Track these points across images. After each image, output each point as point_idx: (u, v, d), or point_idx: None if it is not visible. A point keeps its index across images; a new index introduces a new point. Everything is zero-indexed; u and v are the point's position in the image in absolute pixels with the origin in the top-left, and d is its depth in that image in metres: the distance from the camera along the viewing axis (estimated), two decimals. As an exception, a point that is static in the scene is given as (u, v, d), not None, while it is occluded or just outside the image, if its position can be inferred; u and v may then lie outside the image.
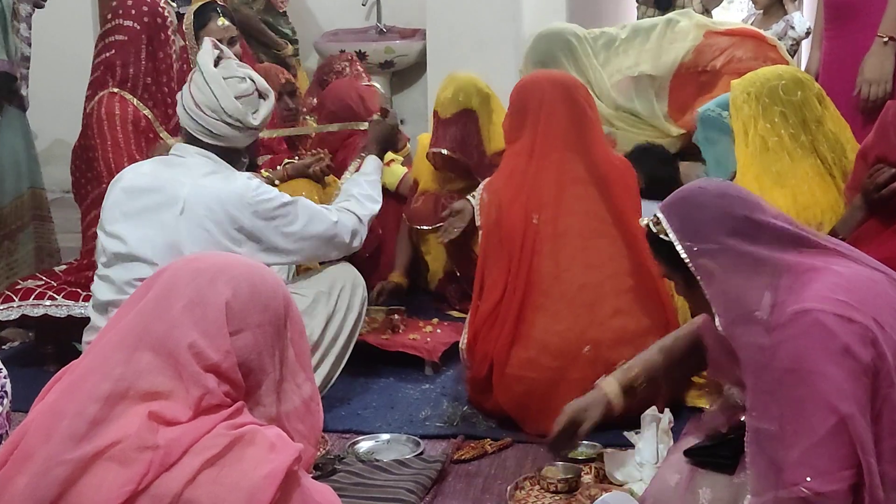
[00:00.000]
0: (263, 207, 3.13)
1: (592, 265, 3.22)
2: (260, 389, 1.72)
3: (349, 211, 3.37)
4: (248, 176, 3.20)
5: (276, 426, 1.70)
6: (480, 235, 3.38)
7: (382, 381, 3.66)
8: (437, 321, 4.08)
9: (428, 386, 3.61)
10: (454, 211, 3.82)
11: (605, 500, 2.63)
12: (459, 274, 4.20)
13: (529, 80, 3.53)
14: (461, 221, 3.77)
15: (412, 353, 3.76)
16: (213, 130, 3.14)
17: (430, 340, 3.84)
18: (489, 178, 3.46)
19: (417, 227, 4.31)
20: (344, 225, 3.31)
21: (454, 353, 3.58)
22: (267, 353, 1.72)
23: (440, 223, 3.92)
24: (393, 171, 4.39)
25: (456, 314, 4.18)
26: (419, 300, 4.37)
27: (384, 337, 3.87)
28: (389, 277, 4.33)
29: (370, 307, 3.67)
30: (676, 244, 2.16)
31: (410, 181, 4.42)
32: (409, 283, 4.39)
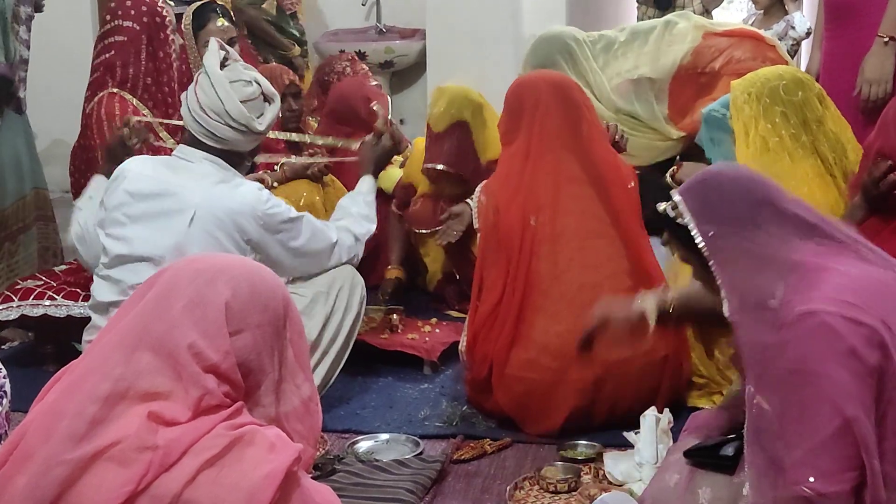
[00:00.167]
0: (272, 220, 3.15)
1: (591, 265, 3.22)
2: (259, 390, 1.72)
3: (348, 230, 3.41)
4: (258, 186, 3.21)
5: (275, 426, 1.70)
6: (478, 237, 3.37)
7: (381, 380, 3.66)
8: (435, 321, 4.08)
9: (427, 385, 3.61)
10: (453, 214, 3.81)
11: (604, 499, 2.63)
12: (459, 276, 4.19)
13: (524, 80, 3.51)
14: (460, 225, 3.76)
15: (411, 352, 3.76)
16: (217, 134, 3.13)
17: (428, 340, 3.84)
18: (486, 180, 3.44)
19: (416, 230, 4.30)
20: (342, 244, 3.36)
21: (453, 352, 3.59)
22: (266, 353, 1.72)
23: (439, 227, 3.92)
24: (390, 175, 4.37)
25: (455, 314, 4.18)
26: (418, 300, 4.37)
27: (383, 336, 3.87)
28: (386, 273, 4.32)
29: (368, 307, 3.67)
30: (692, 227, 2.15)
31: (403, 180, 4.39)
32: (406, 275, 4.39)
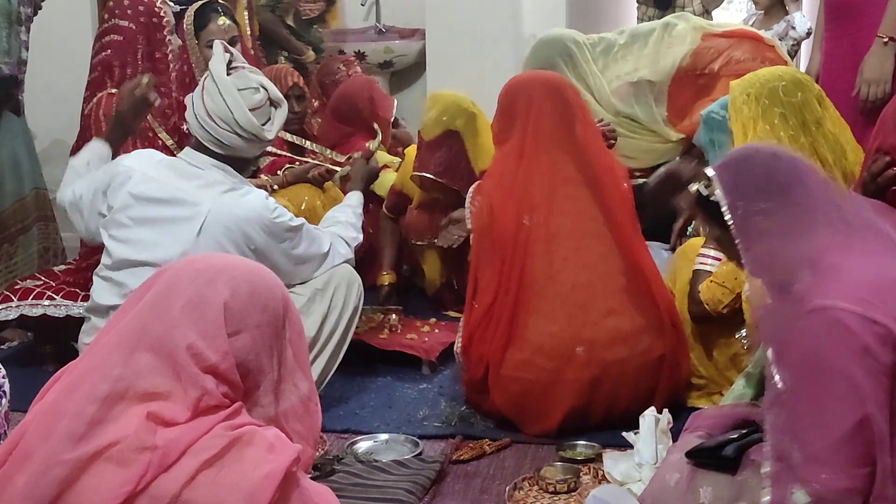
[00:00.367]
0: (277, 229, 3.17)
1: (585, 265, 3.21)
2: (258, 390, 1.72)
3: (340, 237, 3.44)
4: (264, 195, 3.23)
5: (274, 427, 1.70)
6: (472, 238, 3.35)
7: (380, 380, 3.66)
8: (434, 321, 4.08)
9: (425, 385, 3.62)
10: (453, 220, 3.80)
11: (594, 494, 2.63)
12: (457, 285, 4.16)
13: (518, 80, 3.50)
14: (462, 230, 3.74)
15: (409, 352, 3.76)
16: (224, 142, 3.14)
17: (427, 340, 3.84)
18: (479, 181, 3.43)
19: (413, 242, 4.28)
20: (336, 250, 3.39)
21: (451, 352, 3.57)
22: (265, 353, 1.72)
23: (435, 238, 3.91)
24: (384, 179, 4.35)
25: (453, 314, 4.16)
26: (416, 300, 4.37)
27: (381, 336, 3.87)
28: (378, 279, 4.30)
29: (366, 307, 3.66)
30: (723, 203, 2.15)
31: (396, 186, 4.34)
32: (401, 277, 4.40)
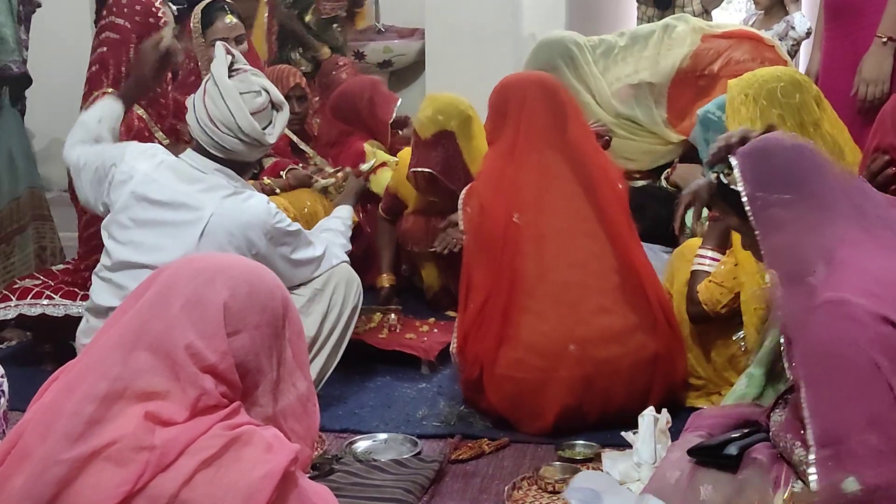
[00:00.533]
0: (278, 233, 3.18)
1: (576, 264, 3.21)
2: (257, 390, 1.72)
3: (333, 242, 3.46)
4: (266, 199, 3.23)
5: (272, 426, 1.70)
6: (465, 239, 3.35)
7: (379, 380, 3.66)
8: (433, 321, 4.09)
9: (424, 385, 3.61)
10: (451, 223, 3.80)
11: (573, 484, 2.65)
12: (454, 291, 4.16)
13: (510, 80, 3.49)
14: (460, 233, 3.73)
15: (408, 352, 3.76)
16: (226, 146, 3.14)
17: (426, 340, 3.85)
18: (472, 182, 3.42)
19: (410, 249, 4.28)
20: (332, 253, 3.41)
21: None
22: (264, 353, 1.72)
23: (432, 245, 3.91)
24: (381, 178, 4.35)
25: (452, 314, 4.15)
26: (415, 300, 4.37)
27: (381, 336, 3.87)
28: (379, 282, 4.30)
29: (366, 307, 3.67)
30: (742, 191, 2.15)
31: (391, 189, 4.33)
32: (399, 278, 4.41)
